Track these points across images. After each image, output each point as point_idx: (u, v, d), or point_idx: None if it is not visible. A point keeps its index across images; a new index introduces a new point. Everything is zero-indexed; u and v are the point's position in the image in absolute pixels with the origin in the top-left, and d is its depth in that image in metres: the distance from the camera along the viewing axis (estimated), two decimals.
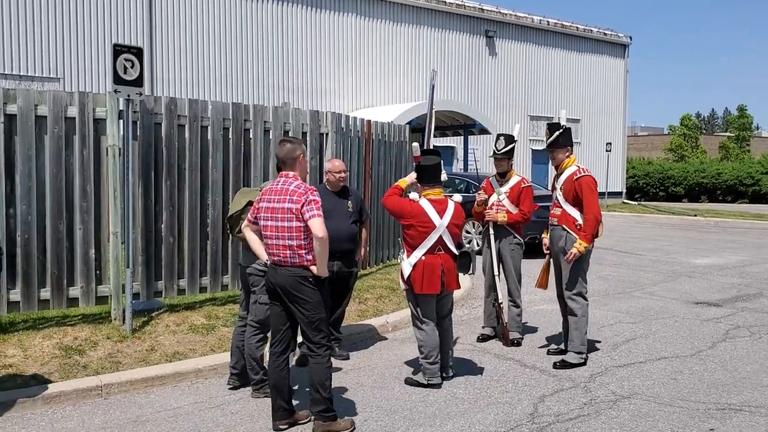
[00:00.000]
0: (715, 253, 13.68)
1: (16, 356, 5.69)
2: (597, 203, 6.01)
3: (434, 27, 23.24)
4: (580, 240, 5.90)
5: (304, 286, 4.42)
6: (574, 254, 5.90)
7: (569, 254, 5.93)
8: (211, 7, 18.58)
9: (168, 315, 6.92)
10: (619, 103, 29.45)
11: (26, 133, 6.29)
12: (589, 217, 5.93)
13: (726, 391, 5.40)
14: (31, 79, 16.05)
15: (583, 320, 6.06)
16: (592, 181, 6.01)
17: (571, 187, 6.02)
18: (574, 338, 6.06)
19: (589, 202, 5.94)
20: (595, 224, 5.94)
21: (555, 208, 6.20)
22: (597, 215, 5.94)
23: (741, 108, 53.22)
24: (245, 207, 5.24)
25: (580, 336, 6.04)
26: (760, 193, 33.68)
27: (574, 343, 6.04)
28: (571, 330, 6.10)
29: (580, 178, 5.98)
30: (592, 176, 6.08)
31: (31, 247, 6.36)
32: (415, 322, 5.64)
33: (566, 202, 6.07)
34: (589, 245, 5.93)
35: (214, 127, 7.38)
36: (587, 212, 5.94)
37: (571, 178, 6.04)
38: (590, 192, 5.96)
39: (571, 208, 6.04)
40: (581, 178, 5.98)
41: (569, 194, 6.04)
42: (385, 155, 10.59)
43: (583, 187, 5.95)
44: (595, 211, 5.94)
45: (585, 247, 5.89)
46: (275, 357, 4.60)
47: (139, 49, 6.54)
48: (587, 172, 6.07)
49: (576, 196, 5.99)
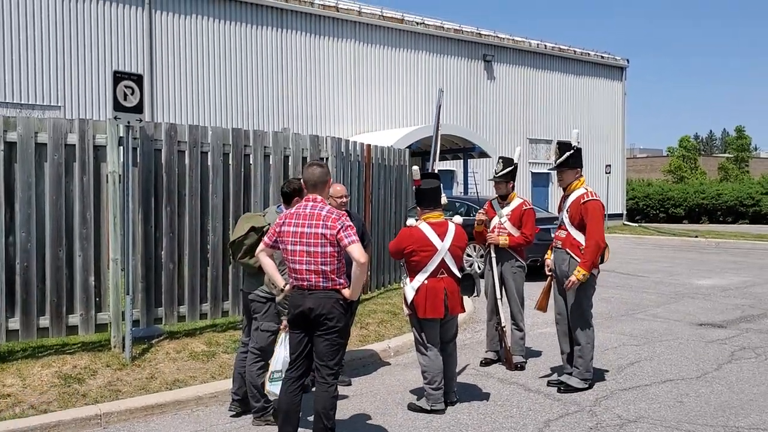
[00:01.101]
0: (718, 274, 13.62)
1: (14, 385, 5.63)
2: (601, 230, 5.80)
3: (433, 52, 23.40)
4: (579, 267, 5.73)
5: (335, 309, 4.34)
6: (573, 282, 5.75)
7: (568, 282, 5.78)
8: (211, 33, 18.72)
9: (168, 342, 6.86)
10: (617, 126, 29.54)
11: (26, 160, 6.28)
12: (590, 244, 5.74)
13: (733, 413, 5.33)
14: (31, 107, 16.12)
15: (588, 347, 5.90)
16: (599, 207, 5.82)
17: (577, 211, 5.86)
18: (579, 365, 5.91)
19: (592, 228, 5.76)
20: (597, 251, 5.75)
21: (560, 231, 6.04)
22: (599, 242, 5.74)
23: (739, 129, 53.46)
24: (248, 232, 5.21)
25: (584, 363, 5.89)
26: (760, 213, 33.64)
27: (579, 370, 5.90)
28: (575, 357, 5.96)
29: (587, 202, 5.82)
30: (600, 201, 5.89)
31: (31, 275, 6.32)
32: (418, 347, 5.58)
33: (572, 225, 5.90)
34: (588, 273, 5.73)
35: (214, 153, 7.38)
36: (589, 238, 5.76)
37: (578, 201, 5.88)
38: (595, 217, 5.78)
39: (576, 232, 5.87)
40: (588, 202, 5.82)
41: (575, 218, 5.87)
42: (385, 179, 10.59)
43: (589, 211, 5.78)
44: (598, 238, 5.73)
45: (584, 275, 5.71)
46: (291, 382, 4.48)
47: (139, 76, 6.57)
48: (595, 196, 5.89)
49: (582, 220, 5.83)
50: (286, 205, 5.33)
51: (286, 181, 5.54)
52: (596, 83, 28.57)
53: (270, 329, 5.17)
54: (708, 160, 58.91)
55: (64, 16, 16.66)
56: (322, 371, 4.39)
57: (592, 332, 5.98)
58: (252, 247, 5.21)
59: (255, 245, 5.20)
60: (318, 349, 4.39)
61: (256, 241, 5.20)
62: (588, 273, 5.73)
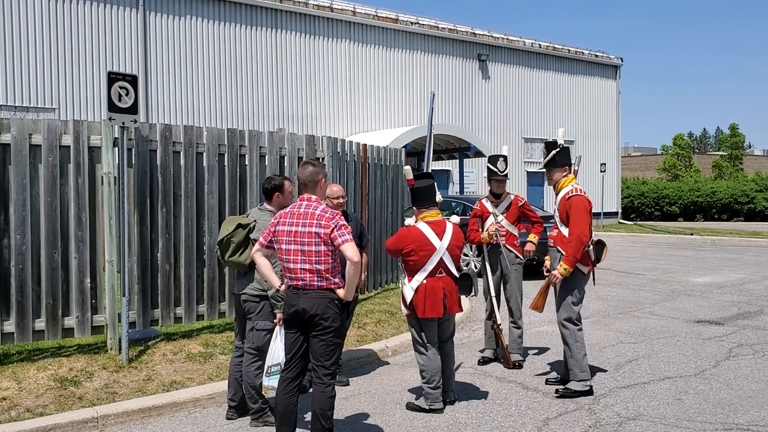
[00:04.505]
0: (714, 272, 13.65)
1: (10, 389, 5.59)
2: (585, 224, 5.68)
3: (427, 52, 23.40)
4: (561, 262, 5.68)
5: (330, 309, 4.32)
6: (555, 276, 5.71)
7: (551, 275, 5.74)
8: (206, 34, 18.68)
9: (165, 344, 6.83)
10: (611, 124, 29.59)
11: (20, 162, 6.25)
12: (572, 238, 5.64)
13: (732, 410, 5.32)
14: (25, 109, 16.06)
15: (576, 347, 5.77)
16: (583, 201, 5.75)
17: (563, 207, 5.82)
18: (572, 367, 5.79)
19: (574, 221, 5.67)
20: (579, 246, 5.63)
21: (553, 230, 6.01)
22: (582, 236, 5.62)
23: (733, 127, 53.66)
24: (235, 229, 5.23)
25: (578, 365, 5.76)
26: (755, 210, 33.78)
27: (574, 372, 5.77)
28: (567, 359, 5.88)
29: (571, 197, 5.77)
30: (586, 197, 5.82)
31: (26, 278, 6.29)
32: (416, 346, 5.56)
33: (561, 222, 5.87)
34: (570, 268, 5.65)
35: (210, 154, 7.36)
36: (571, 233, 5.67)
37: (564, 197, 5.84)
38: (578, 211, 5.69)
39: (565, 229, 5.79)
40: (572, 197, 5.76)
41: (563, 214, 5.83)
42: (381, 179, 10.58)
43: (572, 206, 5.72)
44: (580, 232, 5.62)
45: (565, 269, 5.64)
46: (287, 382, 4.45)
47: (133, 77, 6.54)
48: (580, 192, 5.82)
49: (568, 216, 5.77)
50: (268, 202, 5.39)
51: (267, 178, 5.58)
52: (590, 82, 28.62)
53: (266, 328, 5.15)
54: (702, 158, 59.11)
55: (58, 18, 16.60)
56: (318, 371, 4.37)
57: (580, 332, 5.86)
58: (240, 245, 5.22)
59: (243, 242, 5.23)
60: (314, 350, 4.37)
61: (244, 237, 5.23)
62: (570, 267, 5.65)
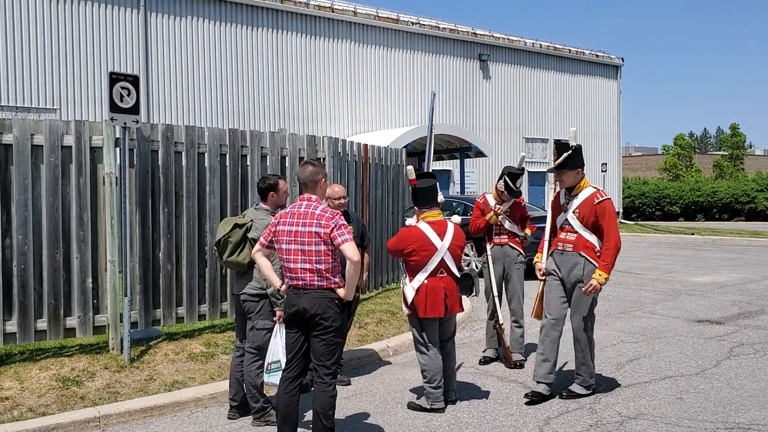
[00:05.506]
0: (715, 271, 13.65)
1: (12, 389, 5.60)
2: (617, 230, 5.54)
3: (428, 52, 23.41)
4: (599, 271, 5.42)
5: (330, 309, 4.33)
6: (594, 287, 5.43)
7: (589, 286, 5.47)
8: (207, 35, 18.70)
9: (166, 343, 6.84)
10: (612, 124, 29.59)
11: (22, 162, 6.26)
12: (610, 245, 5.44)
13: (733, 409, 5.33)
14: (27, 110, 16.09)
15: (592, 353, 5.72)
16: (612, 205, 5.62)
17: (590, 212, 5.54)
18: (582, 372, 5.72)
19: (611, 229, 5.46)
20: (616, 253, 5.48)
21: (567, 233, 5.68)
22: (618, 243, 5.46)
23: (733, 127, 53.65)
24: (232, 229, 5.25)
25: (588, 370, 5.71)
26: (756, 210, 33.74)
27: (584, 377, 5.72)
28: (578, 364, 5.77)
29: (601, 202, 5.54)
30: (611, 200, 5.68)
31: (28, 278, 6.30)
32: (418, 346, 5.57)
33: (583, 227, 5.58)
34: (608, 276, 5.46)
35: (211, 154, 7.37)
36: (608, 240, 5.46)
37: (590, 201, 5.57)
38: (612, 217, 5.53)
39: (589, 234, 5.56)
40: (603, 202, 5.54)
41: (588, 219, 5.55)
42: (382, 179, 10.58)
43: (606, 212, 5.52)
44: (617, 239, 5.46)
45: (606, 279, 5.41)
46: (288, 382, 4.46)
47: (135, 77, 6.55)
48: (607, 195, 5.66)
49: (596, 221, 5.53)
50: (263, 201, 5.42)
51: (262, 177, 5.61)
52: (591, 82, 28.63)
53: (266, 327, 5.16)
54: (703, 157, 59.11)
55: (59, 18, 16.64)
56: (319, 371, 4.38)
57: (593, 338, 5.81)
58: (237, 245, 5.25)
59: (240, 242, 5.25)
60: (315, 350, 4.39)
61: (242, 237, 5.26)
62: (608, 276, 5.47)
